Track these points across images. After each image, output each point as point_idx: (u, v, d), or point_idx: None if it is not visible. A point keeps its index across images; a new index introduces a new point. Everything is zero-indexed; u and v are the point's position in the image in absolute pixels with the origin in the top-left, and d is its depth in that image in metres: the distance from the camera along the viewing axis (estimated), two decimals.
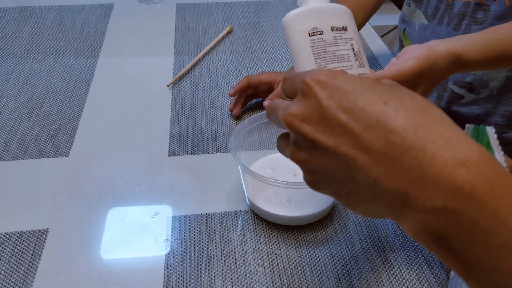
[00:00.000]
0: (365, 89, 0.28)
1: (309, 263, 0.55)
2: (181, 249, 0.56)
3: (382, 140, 0.26)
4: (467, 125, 0.47)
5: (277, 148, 0.35)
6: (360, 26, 0.89)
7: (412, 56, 0.50)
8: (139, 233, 0.58)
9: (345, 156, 0.27)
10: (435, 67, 0.51)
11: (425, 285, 0.52)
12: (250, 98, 0.80)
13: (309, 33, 0.45)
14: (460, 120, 0.82)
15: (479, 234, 0.24)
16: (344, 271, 0.54)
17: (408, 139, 0.25)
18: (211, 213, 0.61)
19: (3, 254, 0.55)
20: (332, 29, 0.46)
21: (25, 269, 0.54)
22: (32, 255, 0.55)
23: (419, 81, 0.51)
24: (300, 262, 0.55)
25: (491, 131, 0.43)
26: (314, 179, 0.32)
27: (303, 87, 0.29)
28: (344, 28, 0.48)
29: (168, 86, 0.86)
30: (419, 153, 0.25)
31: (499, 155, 0.42)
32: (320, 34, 0.45)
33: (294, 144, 0.31)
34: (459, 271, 0.27)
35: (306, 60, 0.45)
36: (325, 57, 0.44)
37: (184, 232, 0.58)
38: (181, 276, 0.53)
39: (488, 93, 0.81)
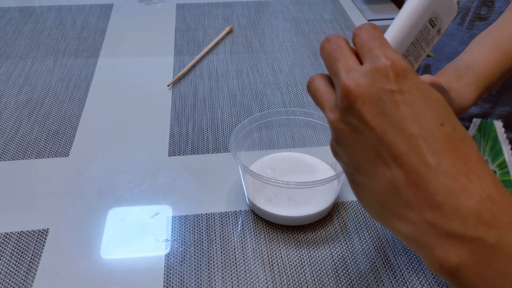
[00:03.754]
0: (431, 104, 0.28)
1: (309, 263, 0.55)
2: (181, 249, 0.56)
3: (419, 156, 0.27)
4: (474, 119, 0.47)
5: (309, 88, 0.34)
6: None
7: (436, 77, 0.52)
8: (139, 233, 0.58)
9: (383, 143, 0.28)
10: None
11: (425, 285, 0.52)
12: None
13: (431, 18, 0.39)
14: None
15: (497, 261, 0.25)
16: (344, 271, 0.54)
17: (442, 165, 0.26)
18: (211, 213, 0.61)
19: (3, 254, 0.55)
20: (439, 31, 0.40)
21: (25, 269, 0.54)
22: (32, 255, 0.55)
23: None
24: (300, 262, 0.55)
25: (498, 125, 0.44)
26: (338, 150, 0.32)
27: (379, 65, 0.29)
28: (436, 35, 0.41)
29: (168, 86, 0.86)
30: (450, 182, 0.26)
31: (507, 148, 0.42)
32: (433, 27, 0.39)
33: (342, 112, 0.30)
34: None
35: (404, 36, 0.38)
36: (415, 47, 0.39)
37: (184, 232, 0.58)
38: (181, 276, 0.53)
39: (487, 93, 0.81)
